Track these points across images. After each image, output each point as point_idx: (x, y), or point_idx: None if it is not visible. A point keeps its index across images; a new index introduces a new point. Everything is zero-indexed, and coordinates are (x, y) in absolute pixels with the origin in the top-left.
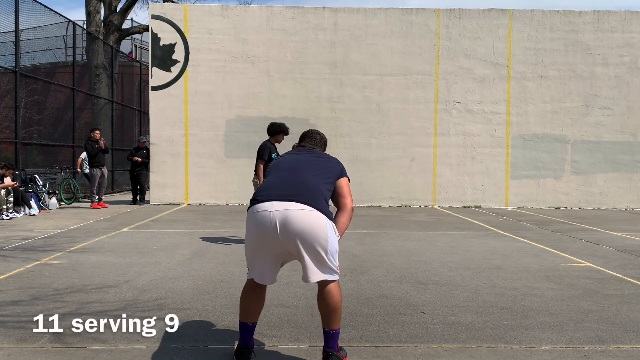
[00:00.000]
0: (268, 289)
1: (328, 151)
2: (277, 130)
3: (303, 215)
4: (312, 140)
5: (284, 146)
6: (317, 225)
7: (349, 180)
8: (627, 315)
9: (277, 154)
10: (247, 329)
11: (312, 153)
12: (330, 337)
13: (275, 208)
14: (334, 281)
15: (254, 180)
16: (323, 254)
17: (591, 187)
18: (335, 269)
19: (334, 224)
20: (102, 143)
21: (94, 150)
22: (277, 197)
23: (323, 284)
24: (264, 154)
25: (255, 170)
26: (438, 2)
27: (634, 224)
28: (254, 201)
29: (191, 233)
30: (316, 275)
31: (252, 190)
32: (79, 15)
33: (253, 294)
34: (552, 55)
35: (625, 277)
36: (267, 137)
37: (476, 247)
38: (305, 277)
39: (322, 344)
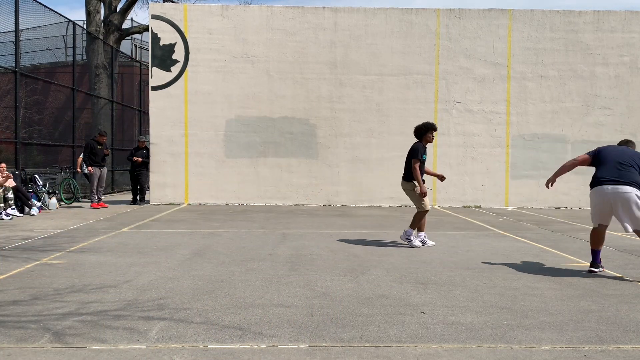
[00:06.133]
0: (268, 290)
1: (328, 151)
2: (425, 130)
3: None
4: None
5: (284, 141)
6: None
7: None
8: (627, 315)
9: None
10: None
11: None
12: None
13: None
14: None
15: (407, 179)
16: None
17: None
18: None
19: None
20: (106, 152)
21: (98, 150)
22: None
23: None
24: (418, 154)
25: (409, 169)
26: (438, 2)
27: None
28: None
29: (191, 233)
30: (630, 225)
31: (252, 190)
32: (79, 15)
33: (601, 233)
34: (552, 55)
35: (625, 277)
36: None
37: (476, 247)
38: (624, 227)
39: (322, 344)
